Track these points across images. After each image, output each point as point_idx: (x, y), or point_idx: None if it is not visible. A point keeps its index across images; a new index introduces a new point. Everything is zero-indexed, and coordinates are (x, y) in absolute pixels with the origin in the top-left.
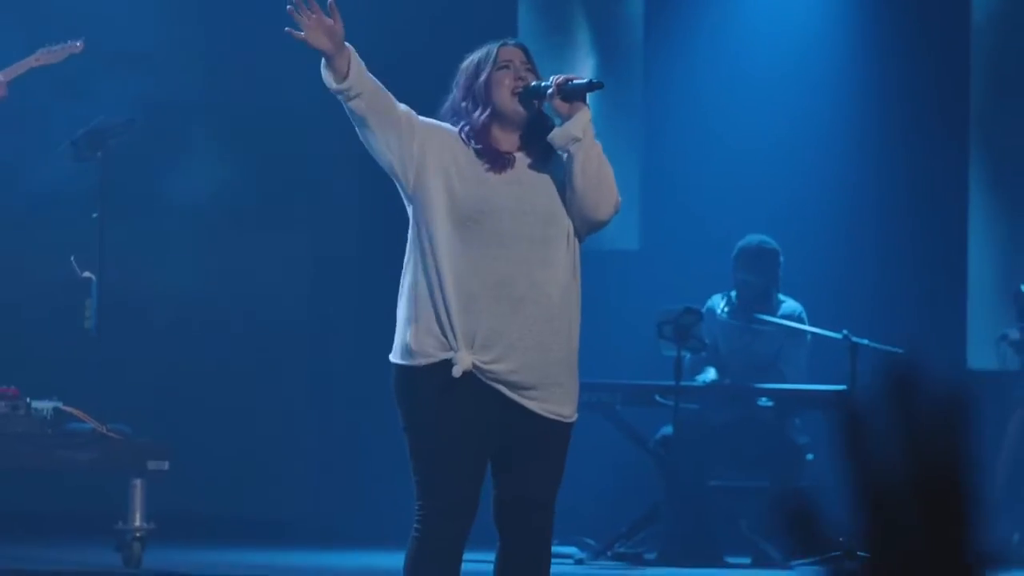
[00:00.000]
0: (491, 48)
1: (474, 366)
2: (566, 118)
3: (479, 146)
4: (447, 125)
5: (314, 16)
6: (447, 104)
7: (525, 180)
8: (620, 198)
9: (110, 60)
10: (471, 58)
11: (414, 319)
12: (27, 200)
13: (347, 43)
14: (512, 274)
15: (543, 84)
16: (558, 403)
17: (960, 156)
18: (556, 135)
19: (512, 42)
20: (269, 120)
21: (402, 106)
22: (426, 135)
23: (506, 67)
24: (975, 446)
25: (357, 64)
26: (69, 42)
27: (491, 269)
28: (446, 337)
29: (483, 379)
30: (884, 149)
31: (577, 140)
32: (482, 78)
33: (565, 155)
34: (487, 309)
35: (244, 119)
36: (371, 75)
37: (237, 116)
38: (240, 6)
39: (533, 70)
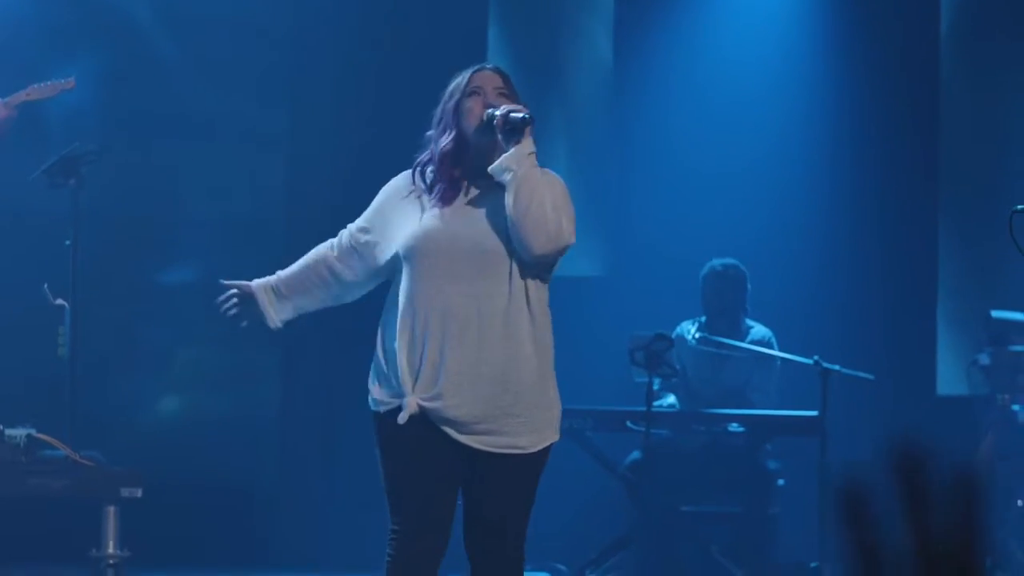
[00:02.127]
0: (465, 74)
1: (419, 407)
2: (508, 150)
3: (434, 176)
4: (395, 182)
5: (231, 302)
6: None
7: (473, 212)
8: (568, 232)
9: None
10: (448, 86)
11: (375, 367)
12: None
13: (253, 284)
14: (453, 307)
15: (490, 117)
16: (513, 435)
17: (930, 181)
18: (494, 167)
19: (489, 67)
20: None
21: (333, 249)
22: (368, 234)
23: (476, 93)
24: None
25: (272, 296)
26: (61, 79)
27: (433, 304)
28: (396, 383)
29: (431, 419)
30: (854, 173)
31: (509, 172)
32: (451, 104)
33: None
34: (428, 344)
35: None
36: (295, 272)
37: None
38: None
39: (508, 95)
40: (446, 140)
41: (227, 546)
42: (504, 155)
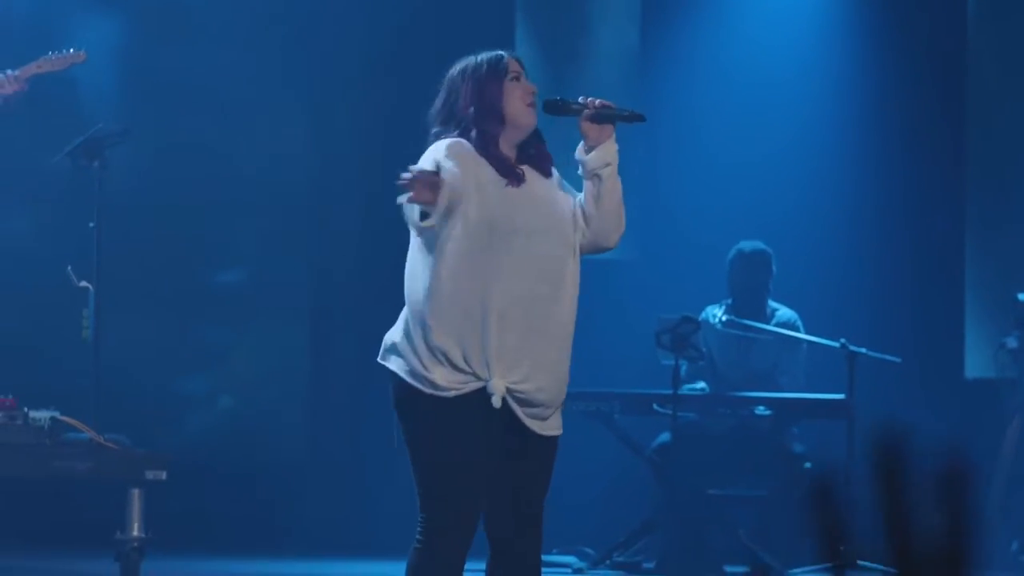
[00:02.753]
0: (500, 56)
1: (507, 390)
2: (593, 141)
3: (494, 158)
4: (459, 144)
5: (418, 180)
6: (441, 107)
7: (538, 196)
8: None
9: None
10: (475, 62)
11: (430, 350)
12: (24, 210)
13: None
14: (535, 291)
15: (572, 102)
16: (556, 417)
17: (957, 164)
18: (592, 158)
19: (514, 54)
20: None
21: (445, 176)
22: (457, 174)
23: (517, 78)
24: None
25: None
26: (72, 51)
27: (517, 287)
28: (481, 364)
29: (508, 400)
30: (881, 157)
31: (608, 165)
32: (496, 87)
33: (592, 178)
34: (514, 327)
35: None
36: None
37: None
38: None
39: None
40: (492, 122)
41: (251, 529)
42: (600, 148)
